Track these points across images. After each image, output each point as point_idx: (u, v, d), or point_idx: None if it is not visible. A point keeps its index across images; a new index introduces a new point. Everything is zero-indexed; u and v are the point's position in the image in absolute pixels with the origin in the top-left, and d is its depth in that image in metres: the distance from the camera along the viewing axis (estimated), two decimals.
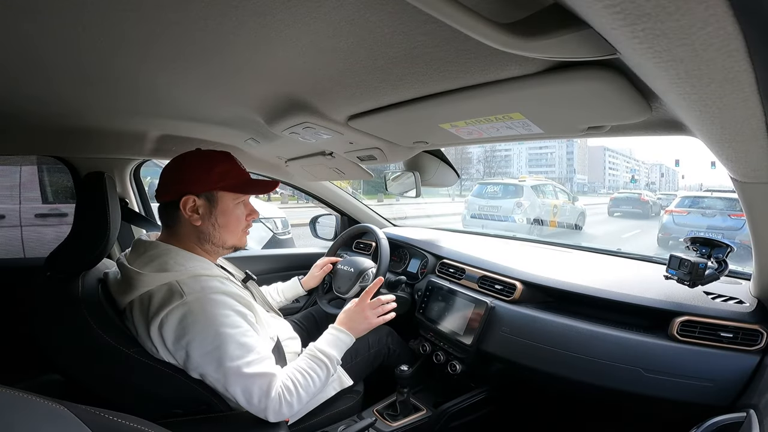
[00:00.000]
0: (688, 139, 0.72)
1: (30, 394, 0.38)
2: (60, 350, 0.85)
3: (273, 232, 3.76)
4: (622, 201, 13.65)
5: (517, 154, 71.91)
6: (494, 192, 8.80)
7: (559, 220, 9.03)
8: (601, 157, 75.98)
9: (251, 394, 0.84)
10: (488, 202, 8.61)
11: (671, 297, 1.02)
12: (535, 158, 72.05)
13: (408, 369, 1.25)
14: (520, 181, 9.10)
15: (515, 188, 8.67)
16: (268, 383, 0.85)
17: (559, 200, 9.39)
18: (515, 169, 71.69)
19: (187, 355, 0.82)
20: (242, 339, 0.85)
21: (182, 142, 1.40)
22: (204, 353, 0.82)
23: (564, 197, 9.75)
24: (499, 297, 1.29)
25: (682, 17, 0.30)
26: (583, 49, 0.47)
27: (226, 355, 0.82)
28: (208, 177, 0.95)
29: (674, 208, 7.19)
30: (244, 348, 0.84)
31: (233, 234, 1.00)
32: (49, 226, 2.82)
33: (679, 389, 0.92)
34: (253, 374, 0.84)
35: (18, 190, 2.73)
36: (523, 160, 72.51)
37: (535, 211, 8.39)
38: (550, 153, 70.99)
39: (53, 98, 0.95)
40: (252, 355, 0.85)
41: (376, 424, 1.24)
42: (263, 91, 0.89)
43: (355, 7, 0.50)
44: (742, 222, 3.79)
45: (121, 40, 0.62)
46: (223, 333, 0.83)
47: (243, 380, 0.83)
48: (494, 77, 0.67)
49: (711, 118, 0.48)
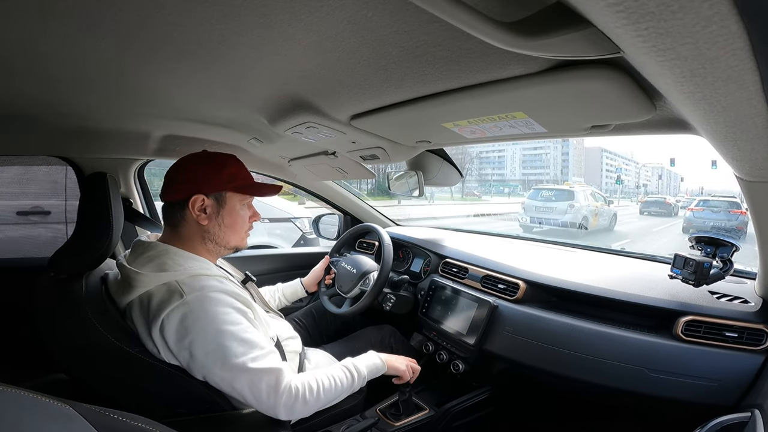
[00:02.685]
0: (685, 137, 0.72)
1: (35, 393, 0.38)
2: (64, 350, 0.85)
3: (302, 231, 3.89)
4: (651, 203, 18.40)
5: (511, 155, 70.67)
6: (549, 195, 10.72)
7: (599, 220, 11.02)
8: (598, 159, 74.00)
9: (259, 390, 0.83)
10: (544, 204, 10.36)
11: (676, 296, 1.02)
12: (530, 159, 70.78)
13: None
14: (570, 186, 11.34)
15: (568, 193, 10.63)
16: (275, 378, 0.85)
17: (598, 203, 11.35)
18: (508, 170, 70.82)
19: (191, 355, 0.82)
20: (244, 335, 0.85)
21: (186, 142, 1.40)
22: (207, 352, 0.82)
23: (601, 200, 11.86)
24: (502, 296, 1.29)
25: (686, 15, 0.30)
26: (586, 48, 0.46)
27: (230, 352, 0.82)
28: (219, 178, 0.95)
29: (693, 207, 10.82)
30: (248, 344, 0.84)
31: (237, 234, 1.01)
32: None
33: (683, 389, 0.91)
34: (260, 369, 0.83)
35: (63, 187, 2.80)
36: (516, 161, 71.33)
37: (582, 211, 10.18)
38: (545, 154, 69.32)
39: (58, 99, 0.96)
40: (256, 351, 0.85)
41: (379, 424, 1.24)
42: (266, 91, 0.89)
43: (357, 7, 0.50)
44: (737, 215, 8.76)
45: (124, 42, 0.62)
46: (225, 330, 0.83)
47: (249, 376, 0.83)
48: (497, 76, 0.67)
49: (715, 116, 0.47)
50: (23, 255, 2.52)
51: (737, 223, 9.01)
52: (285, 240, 3.82)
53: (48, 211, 2.79)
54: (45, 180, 2.80)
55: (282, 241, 3.79)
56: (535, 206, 10.43)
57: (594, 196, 11.40)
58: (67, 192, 2.77)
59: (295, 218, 3.90)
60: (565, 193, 10.60)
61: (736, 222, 9.00)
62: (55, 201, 2.78)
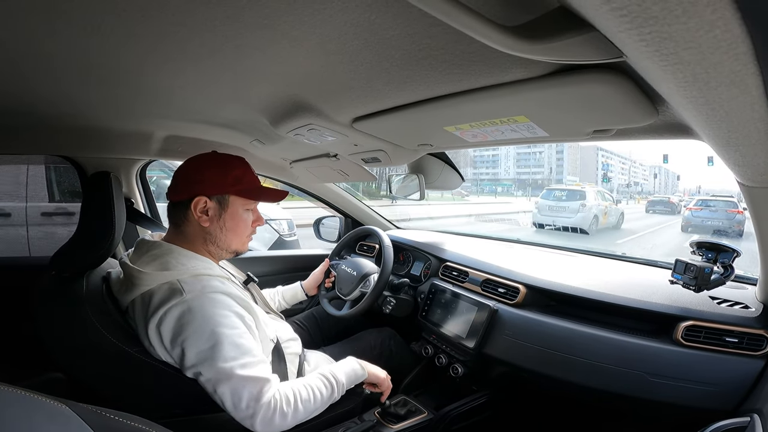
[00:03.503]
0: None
1: (32, 392, 0.38)
2: (63, 349, 0.85)
3: (279, 233, 3.68)
4: (656, 203, 19.65)
5: (505, 154, 68.76)
6: (561, 195, 11.31)
7: (608, 218, 11.59)
8: (594, 158, 71.32)
9: (240, 397, 0.81)
10: (557, 203, 10.99)
11: (676, 302, 1.02)
12: (524, 158, 69.01)
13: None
14: (581, 187, 12.01)
15: (579, 193, 11.21)
16: (259, 388, 0.83)
17: (606, 202, 11.88)
18: (502, 169, 69.75)
19: (183, 353, 0.82)
20: (238, 340, 0.84)
21: (188, 142, 1.41)
22: (198, 351, 0.81)
23: (609, 200, 12.54)
24: (502, 300, 1.28)
25: (689, 20, 0.30)
26: (589, 52, 0.46)
27: (220, 355, 0.81)
28: (223, 180, 0.95)
29: (692, 206, 11.03)
30: (240, 349, 0.83)
31: (238, 238, 1.01)
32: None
33: (683, 394, 0.91)
34: (245, 377, 0.82)
35: (25, 186, 2.73)
36: (510, 160, 69.66)
37: (593, 210, 10.76)
38: (539, 153, 67.23)
39: (61, 98, 0.96)
40: (247, 358, 0.83)
41: (377, 427, 1.23)
42: (268, 92, 0.89)
43: (361, 10, 0.50)
44: (734, 215, 9.20)
45: (128, 42, 0.62)
46: (220, 333, 0.82)
47: (234, 382, 0.81)
48: (499, 80, 0.67)
49: (718, 121, 0.47)
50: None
51: (734, 222, 9.46)
52: (260, 242, 3.60)
53: (8, 213, 2.73)
54: (7, 182, 2.72)
55: (257, 243, 3.53)
56: (548, 206, 11.08)
57: (602, 196, 11.96)
58: (28, 193, 2.70)
59: (271, 219, 3.67)
60: (576, 193, 11.17)
61: (733, 221, 9.47)
62: (16, 204, 2.71)
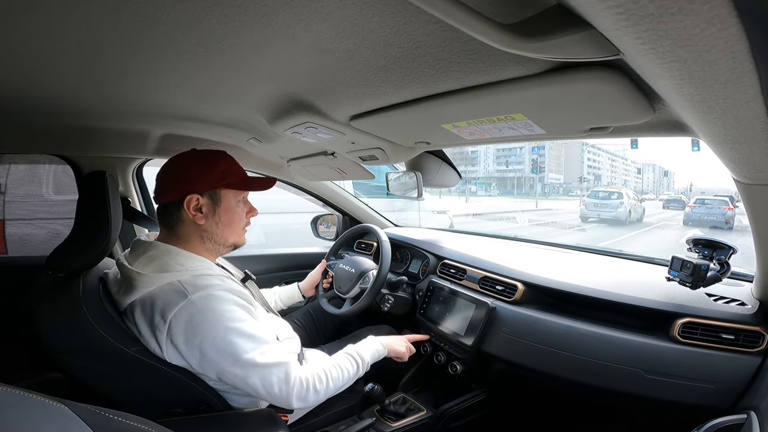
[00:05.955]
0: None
1: (31, 392, 0.38)
2: (61, 349, 0.85)
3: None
4: (671, 201, 25.80)
5: (484, 150, 64.97)
6: (605, 195, 15.41)
7: (637, 212, 15.47)
8: (579, 154, 67.29)
9: (271, 384, 0.86)
10: (601, 201, 14.98)
11: (673, 299, 1.02)
12: (504, 155, 65.46)
13: (377, 387, 1.24)
14: (618, 189, 16.02)
15: (618, 194, 15.10)
16: (285, 371, 0.87)
17: (634, 201, 15.91)
18: (482, 167, 66.97)
19: (202, 354, 0.83)
20: (251, 331, 0.86)
21: (185, 141, 1.40)
22: (218, 350, 0.83)
23: (636, 200, 16.71)
24: (500, 298, 1.29)
25: (686, 18, 0.30)
26: (585, 50, 0.46)
27: (240, 348, 0.84)
28: (211, 176, 0.95)
29: (691, 204, 14.23)
30: (255, 339, 0.86)
31: (235, 232, 1.01)
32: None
33: (679, 391, 0.92)
34: (269, 363, 0.86)
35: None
36: (490, 157, 66.64)
37: (627, 207, 14.58)
38: (520, 148, 62.14)
39: (56, 97, 0.95)
40: (263, 346, 0.87)
41: (376, 425, 1.24)
42: (265, 90, 0.89)
43: (358, 8, 0.50)
44: (725, 211, 12.23)
45: (123, 40, 0.62)
46: (232, 328, 0.84)
47: (260, 371, 0.85)
48: (496, 78, 0.67)
49: (714, 119, 0.48)
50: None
51: (725, 217, 12.05)
52: None
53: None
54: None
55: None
56: (594, 203, 15.13)
57: (632, 197, 16.26)
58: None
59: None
60: (615, 194, 15.21)
61: (724, 216, 12.07)
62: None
